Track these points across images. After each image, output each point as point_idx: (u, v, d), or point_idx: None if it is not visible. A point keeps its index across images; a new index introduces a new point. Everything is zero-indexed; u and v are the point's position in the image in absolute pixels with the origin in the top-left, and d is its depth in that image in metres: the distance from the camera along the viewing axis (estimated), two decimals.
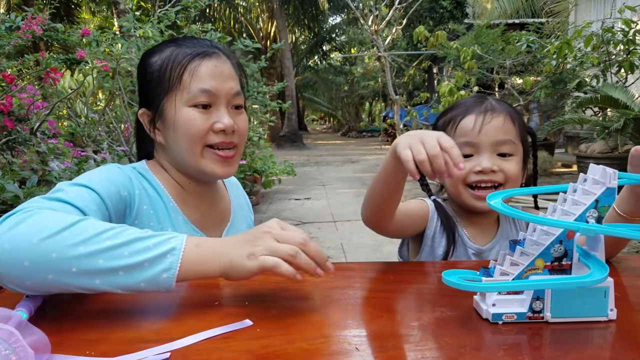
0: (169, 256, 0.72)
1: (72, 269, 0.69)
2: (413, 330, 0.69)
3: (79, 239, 0.70)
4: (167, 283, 0.72)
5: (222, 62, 1.04)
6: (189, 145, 1.01)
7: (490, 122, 1.06)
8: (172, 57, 1.02)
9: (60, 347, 0.64)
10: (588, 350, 0.65)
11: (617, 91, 4.29)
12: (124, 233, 0.73)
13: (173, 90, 1.01)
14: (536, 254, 0.71)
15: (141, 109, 1.07)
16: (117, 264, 0.70)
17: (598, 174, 0.71)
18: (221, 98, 1.02)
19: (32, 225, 0.71)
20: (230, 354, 0.63)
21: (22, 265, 0.68)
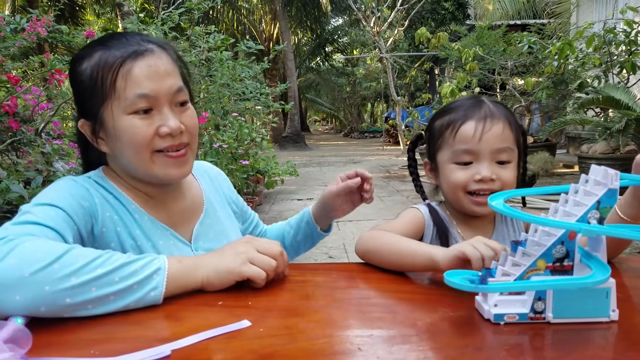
0: (155, 276, 0.79)
1: (66, 299, 0.72)
2: (415, 330, 0.70)
3: (70, 269, 0.72)
4: (154, 300, 0.78)
5: (156, 58, 0.96)
6: (136, 154, 0.96)
7: (491, 129, 1.06)
8: (101, 62, 0.94)
9: (63, 347, 0.64)
10: (590, 350, 0.66)
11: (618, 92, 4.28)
12: (111, 259, 0.77)
13: (108, 99, 0.94)
14: (538, 254, 0.72)
15: (80, 119, 1.00)
16: (109, 290, 0.75)
17: (600, 175, 0.71)
18: (162, 99, 0.95)
19: (21, 258, 0.71)
20: (233, 354, 0.63)
21: (13, 299, 0.69)
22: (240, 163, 4.85)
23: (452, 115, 1.11)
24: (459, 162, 1.08)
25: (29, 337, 0.62)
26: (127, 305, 0.76)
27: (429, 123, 1.21)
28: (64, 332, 0.70)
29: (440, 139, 1.12)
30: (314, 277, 0.96)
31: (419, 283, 0.91)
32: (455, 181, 1.08)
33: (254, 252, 0.86)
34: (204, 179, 1.21)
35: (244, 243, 0.88)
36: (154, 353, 0.63)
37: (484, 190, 1.06)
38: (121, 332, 0.70)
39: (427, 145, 1.21)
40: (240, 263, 0.85)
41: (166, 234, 1.04)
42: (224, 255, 0.86)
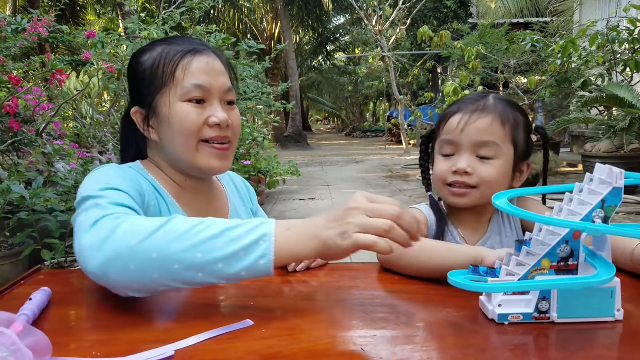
0: (261, 243, 0.72)
1: (175, 265, 0.71)
2: (419, 330, 0.69)
3: (173, 236, 0.72)
4: (265, 269, 0.72)
5: (213, 58, 1.05)
6: (185, 141, 1.01)
7: (475, 122, 1.04)
8: (164, 54, 1.02)
9: (66, 348, 0.64)
10: (595, 351, 0.65)
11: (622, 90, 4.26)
12: (213, 226, 0.74)
13: (166, 87, 1.01)
14: (542, 254, 0.71)
15: (134, 107, 1.07)
16: (215, 255, 0.71)
17: (604, 174, 0.70)
18: (214, 93, 1.03)
19: (126, 231, 0.73)
20: (236, 355, 0.63)
21: (128, 269, 0.72)
22: (242, 163, 4.84)
23: (450, 108, 1.12)
24: (443, 153, 1.09)
25: (49, 348, 0.60)
26: (240, 274, 0.72)
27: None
28: (66, 334, 0.70)
29: (438, 130, 1.14)
30: (317, 278, 0.96)
31: (423, 283, 0.90)
32: (436, 172, 1.10)
33: (363, 219, 0.73)
34: (230, 187, 1.25)
35: (352, 210, 0.74)
36: (158, 354, 0.62)
37: (459, 183, 1.06)
38: (123, 333, 0.70)
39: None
40: (349, 238, 0.72)
41: None
42: (332, 225, 0.74)
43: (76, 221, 0.82)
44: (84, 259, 0.75)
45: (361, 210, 0.73)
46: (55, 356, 0.61)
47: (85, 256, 0.75)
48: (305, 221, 0.77)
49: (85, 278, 0.97)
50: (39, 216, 2.56)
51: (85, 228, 0.77)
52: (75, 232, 0.80)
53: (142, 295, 0.76)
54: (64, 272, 0.98)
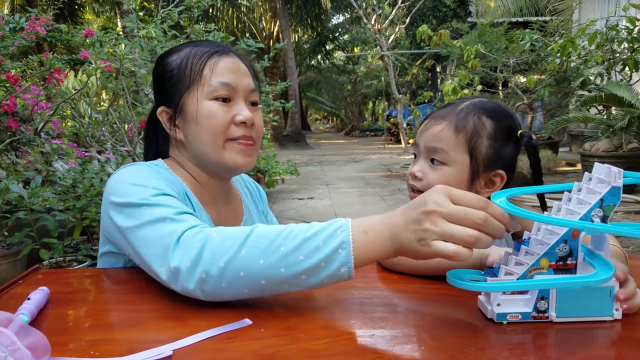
0: (340, 251, 0.72)
1: (262, 281, 0.74)
2: (417, 330, 0.69)
3: (257, 252, 0.74)
4: (346, 275, 0.73)
5: (238, 60, 1.08)
6: (211, 138, 1.03)
7: (429, 127, 1.07)
8: (191, 54, 1.05)
9: (64, 348, 0.64)
10: (593, 350, 0.65)
11: (621, 89, 4.27)
12: (291, 235, 0.75)
13: (194, 85, 1.03)
14: (541, 253, 0.71)
15: (160, 107, 1.09)
16: (297, 269, 0.73)
17: (603, 173, 0.70)
18: (240, 92, 1.05)
19: (213, 252, 0.76)
20: (235, 354, 0.62)
21: (221, 287, 0.75)
22: None
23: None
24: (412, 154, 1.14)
25: (48, 348, 0.60)
26: (322, 282, 0.74)
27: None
28: (64, 333, 0.69)
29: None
30: None
31: (422, 283, 0.90)
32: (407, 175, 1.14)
33: (444, 226, 0.67)
34: (243, 190, 1.27)
35: (430, 215, 0.68)
36: (155, 353, 0.62)
37: (413, 187, 1.08)
38: (121, 332, 0.70)
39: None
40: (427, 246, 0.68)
41: None
42: (410, 228, 0.70)
43: (138, 234, 0.84)
44: (178, 280, 0.77)
45: (440, 214, 0.68)
46: (54, 356, 0.61)
47: (180, 279, 0.77)
48: (383, 220, 0.74)
49: (83, 278, 0.98)
50: (37, 215, 2.55)
51: (167, 246, 0.79)
52: (148, 247, 0.82)
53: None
54: (62, 272, 0.98)
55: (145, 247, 0.82)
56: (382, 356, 0.61)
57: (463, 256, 0.66)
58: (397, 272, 0.95)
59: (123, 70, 3.45)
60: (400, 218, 0.72)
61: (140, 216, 0.85)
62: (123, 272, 0.99)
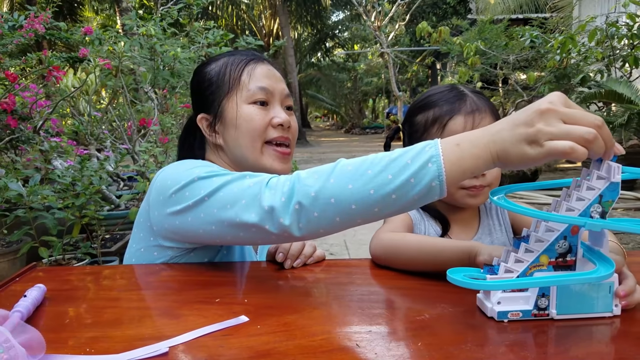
0: (430, 165, 0.71)
1: (352, 206, 0.74)
2: (414, 326, 0.69)
3: (344, 178, 0.75)
4: (438, 191, 0.71)
5: (273, 67, 1.14)
6: (251, 141, 1.07)
7: (480, 124, 1.02)
8: (228, 62, 1.11)
9: (59, 345, 0.63)
10: (593, 346, 0.65)
11: (621, 86, 4.25)
12: (377, 159, 0.75)
13: (233, 90, 1.08)
14: (541, 250, 0.70)
15: (199, 114, 1.12)
16: (387, 189, 0.72)
17: (602, 169, 0.70)
18: (276, 96, 1.10)
19: (302, 185, 0.77)
20: (231, 351, 0.62)
21: (313, 216, 0.76)
22: None
23: (436, 110, 1.07)
24: None
25: (43, 346, 0.59)
26: (413, 201, 0.72)
27: (406, 116, 1.16)
28: (60, 330, 0.69)
29: (426, 134, 1.09)
30: (313, 274, 0.95)
31: (419, 279, 0.90)
32: None
33: (560, 126, 0.65)
34: None
35: (546, 113, 0.65)
36: (152, 350, 0.62)
37: (476, 187, 1.04)
38: (117, 330, 0.69)
39: (409, 140, 1.16)
40: (540, 146, 0.65)
41: None
42: (519, 129, 0.67)
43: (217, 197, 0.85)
44: (274, 218, 0.79)
45: (558, 114, 0.64)
46: (50, 353, 0.61)
47: (275, 216, 0.78)
48: (481, 130, 0.72)
49: (80, 275, 0.97)
50: (37, 214, 2.55)
51: (256, 193, 0.81)
52: (233, 203, 0.83)
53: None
54: (59, 269, 0.98)
55: (230, 204, 0.83)
56: (378, 352, 0.61)
57: (579, 153, 0.63)
58: (392, 268, 0.95)
59: (122, 68, 3.45)
60: (504, 124, 0.69)
61: (212, 184, 0.87)
62: (119, 270, 0.99)
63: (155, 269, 0.98)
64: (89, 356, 0.61)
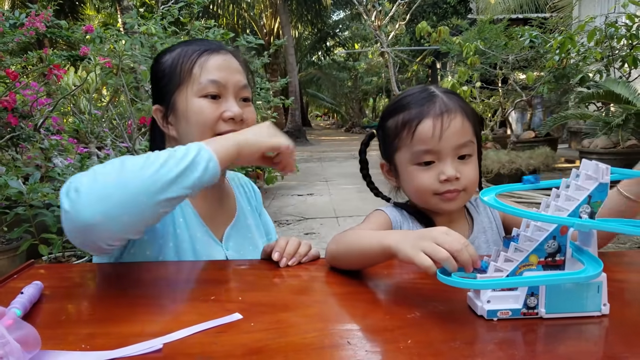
0: (202, 152, 0.85)
1: (151, 188, 0.79)
2: (405, 324, 0.70)
3: (137, 168, 0.80)
4: (215, 169, 0.85)
5: (229, 57, 1.11)
6: (200, 135, 1.04)
7: (450, 126, 1.00)
8: (182, 53, 1.09)
9: (55, 342, 0.65)
10: (582, 344, 0.66)
11: (619, 86, 4.26)
12: (158, 154, 0.84)
13: (184, 83, 1.07)
14: (530, 249, 0.72)
15: (155, 105, 1.13)
16: (177, 171, 0.81)
17: (591, 170, 0.71)
18: (229, 89, 1.08)
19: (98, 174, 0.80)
20: (224, 348, 0.63)
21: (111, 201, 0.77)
22: None
23: (405, 114, 1.04)
24: (419, 162, 1.03)
25: (38, 341, 0.60)
26: (200, 179, 0.83)
27: (380, 121, 1.14)
28: (56, 327, 0.70)
29: (397, 140, 1.06)
30: (308, 272, 0.96)
31: (411, 278, 0.91)
32: (421, 185, 1.03)
33: (276, 130, 0.97)
34: (238, 189, 1.30)
35: (267, 126, 0.99)
36: (146, 347, 0.63)
37: (450, 191, 1.02)
38: (113, 326, 0.70)
39: (382, 145, 1.15)
40: (269, 136, 0.95)
41: (203, 229, 1.11)
42: (254, 129, 0.97)
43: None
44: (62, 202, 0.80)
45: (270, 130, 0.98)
46: (45, 349, 0.62)
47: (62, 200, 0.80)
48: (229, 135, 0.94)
49: (77, 272, 0.99)
50: (36, 211, 2.56)
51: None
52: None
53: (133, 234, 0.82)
54: (56, 267, 0.99)
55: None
56: (368, 349, 0.62)
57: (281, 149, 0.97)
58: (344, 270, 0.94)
59: (123, 67, 3.45)
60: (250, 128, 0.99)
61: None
62: (116, 267, 1.00)
63: (151, 267, 0.99)
64: (84, 352, 0.62)
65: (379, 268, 0.96)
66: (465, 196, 1.05)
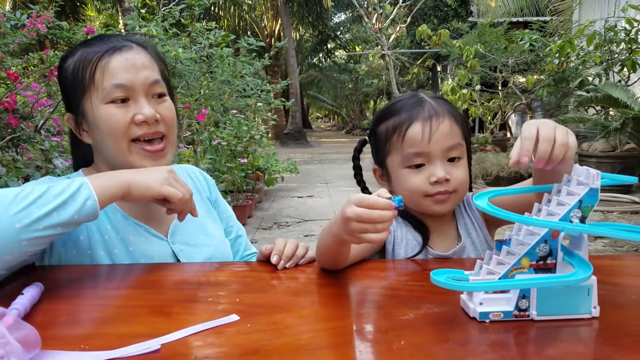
0: (82, 190, 0.86)
1: (15, 225, 0.79)
2: (399, 325, 0.71)
3: (6, 203, 0.80)
4: (92, 208, 0.86)
5: (134, 53, 1.03)
6: (114, 142, 1.01)
7: (438, 129, 1.03)
8: (82, 57, 1.02)
9: (55, 342, 0.66)
10: (572, 346, 0.67)
11: (617, 90, 4.28)
12: (36, 188, 0.84)
13: (88, 91, 1.01)
14: (522, 253, 0.73)
15: (66, 113, 1.08)
16: (49, 207, 0.82)
17: (582, 175, 0.72)
18: (138, 89, 1.01)
19: None
20: (221, 349, 0.64)
21: None
22: (239, 161, 4.85)
23: (396, 119, 1.08)
24: (410, 165, 1.06)
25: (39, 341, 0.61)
26: (73, 218, 0.84)
27: (372, 127, 1.17)
28: (56, 327, 0.71)
29: (388, 144, 1.09)
30: (305, 274, 0.97)
31: (405, 280, 0.92)
32: (412, 187, 1.06)
33: (175, 177, 0.96)
34: (184, 179, 1.20)
35: (167, 171, 0.96)
36: (144, 347, 0.64)
37: (441, 193, 1.04)
38: (112, 327, 0.71)
39: (374, 151, 1.18)
40: (161, 184, 0.93)
41: (139, 229, 1.08)
42: (149, 172, 0.95)
43: None
44: None
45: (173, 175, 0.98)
46: (45, 349, 0.63)
47: None
48: (120, 170, 0.95)
49: (78, 273, 1.00)
50: None
51: None
52: None
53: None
54: (57, 268, 1.00)
55: None
56: (362, 350, 0.63)
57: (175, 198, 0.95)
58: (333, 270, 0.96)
59: None
60: (141, 169, 0.99)
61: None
62: (115, 268, 1.01)
63: (150, 268, 1.00)
64: (83, 352, 0.63)
65: (374, 270, 0.97)
66: (456, 198, 1.07)
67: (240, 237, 1.30)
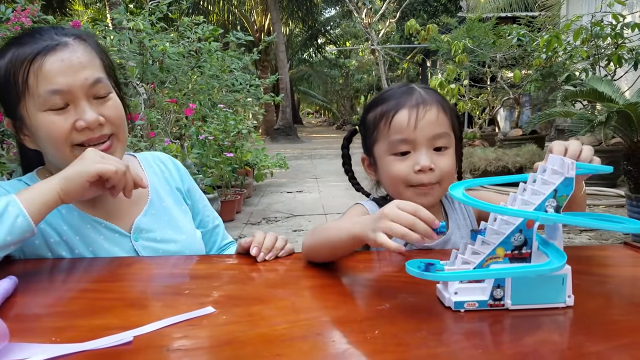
0: (10, 208, 0.82)
1: None
2: (374, 315, 0.71)
3: None
4: (26, 225, 0.83)
5: (70, 52, 0.94)
6: (56, 150, 0.96)
7: (425, 116, 1.03)
8: (12, 60, 0.93)
9: (26, 334, 0.65)
10: (546, 335, 0.67)
11: (602, 84, 4.31)
12: None
13: (23, 97, 0.93)
14: (497, 242, 0.73)
15: (6, 118, 1.01)
16: None
17: (557, 164, 0.73)
18: (77, 93, 0.94)
19: None
20: (194, 340, 0.64)
21: None
22: (225, 156, 4.81)
23: (384, 106, 1.08)
24: (396, 152, 1.05)
25: (6, 334, 0.61)
26: (5, 240, 0.81)
27: (362, 116, 1.17)
28: (27, 320, 0.71)
29: (376, 131, 1.09)
30: (284, 266, 0.97)
31: (384, 271, 0.92)
32: (396, 174, 1.05)
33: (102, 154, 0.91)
34: (152, 170, 1.19)
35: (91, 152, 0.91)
36: (116, 339, 0.63)
37: (425, 184, 1.04)
38: (84, 319, 0.71)
39: (363, 139, 1.17)
40: (89, 164, 0.88)
41: (98, 227, 1.04)
42: (74, 162, 0.89)
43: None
44: None
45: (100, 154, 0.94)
46: (14, 341, 0.62)
47: None
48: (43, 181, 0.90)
49: (51, 266, 0.99)
50: None
51: None
52: None
53: None
54: (32, 262, 0.98)
55: None
56: (335, 340, 0.63)
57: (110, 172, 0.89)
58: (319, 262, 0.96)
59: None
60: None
61: None
62: (91, 261, 1.00)
63: (127, 262, 0.99)
64: (54, 345, 0.62)
65: (354, 262, 0.97)
66: (440, 190, 1.07)
67: (217, 226, 1.28)
